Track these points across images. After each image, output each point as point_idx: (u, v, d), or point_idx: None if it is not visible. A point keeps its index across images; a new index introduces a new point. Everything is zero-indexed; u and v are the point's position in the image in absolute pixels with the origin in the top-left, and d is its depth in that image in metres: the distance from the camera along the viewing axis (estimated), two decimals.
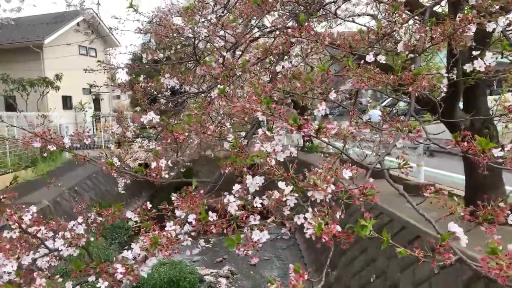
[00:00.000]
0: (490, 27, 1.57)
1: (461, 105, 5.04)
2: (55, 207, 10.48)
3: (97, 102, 24.30)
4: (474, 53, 1.52)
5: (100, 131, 18.05)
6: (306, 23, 1.65)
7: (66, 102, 21.15)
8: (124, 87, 2.59)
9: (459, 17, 1.55)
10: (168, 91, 2.82)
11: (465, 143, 1.35)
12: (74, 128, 20.13)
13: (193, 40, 2.67)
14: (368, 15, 5.51)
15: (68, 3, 6.84)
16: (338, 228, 1.11)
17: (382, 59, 1.48)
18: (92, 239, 2.21)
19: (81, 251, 2.20)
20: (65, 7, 6.76)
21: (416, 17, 1.95)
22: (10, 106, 16.94)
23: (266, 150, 1.34)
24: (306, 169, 1.50)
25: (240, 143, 1.43)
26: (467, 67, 1.56)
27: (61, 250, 1.99)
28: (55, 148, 2.41)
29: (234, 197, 1.49)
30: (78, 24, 21.05)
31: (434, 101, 2.01)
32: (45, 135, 2.37)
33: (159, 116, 1.93)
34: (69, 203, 11.18)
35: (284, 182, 1.29)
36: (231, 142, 2.23)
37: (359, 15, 5.59)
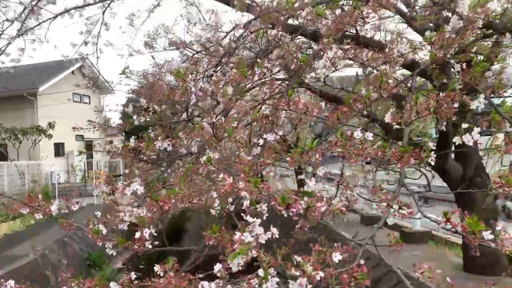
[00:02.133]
0: (474, 105, 1.61)
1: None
2: (43, 260, 10.12)
3: (89, 148, 24.27)
4: (463, 125, 1.55)
5: (92, 178, 17.85)
6: (295, 97, 1.69)
7: (58, 149, 21.10)
8: (114, 153, 2.60)
9: (443, 92, 1.60)
10: (159, 153, 2.82)
11: (456, 222, 1.34)
12: (65, 175, 19.93)
13: (185, 103, 2.71)
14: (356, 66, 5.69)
15: (65, 57, 6.96)
16: None
17: (369, 136, 1.50)
18: None
19: None
20: (64, 58, 6.85)
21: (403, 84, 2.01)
22: (1, 155, 16.80)
23: (247, 240, 1.30)
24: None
25: (222, 236, 1.39)
26: (456, 140, 1.58)
27: None
28: (41, 216, 2.39)
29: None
30: (73, 72, 21.38)
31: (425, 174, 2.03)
32: (32, 202, 2.35)
33: (143, 188, 1.93)
34: (57, 255, 10.81)
35: (262, 270, 1.24)
36: (217, 210, 2.20)
37: (346, 66, 5.74)
